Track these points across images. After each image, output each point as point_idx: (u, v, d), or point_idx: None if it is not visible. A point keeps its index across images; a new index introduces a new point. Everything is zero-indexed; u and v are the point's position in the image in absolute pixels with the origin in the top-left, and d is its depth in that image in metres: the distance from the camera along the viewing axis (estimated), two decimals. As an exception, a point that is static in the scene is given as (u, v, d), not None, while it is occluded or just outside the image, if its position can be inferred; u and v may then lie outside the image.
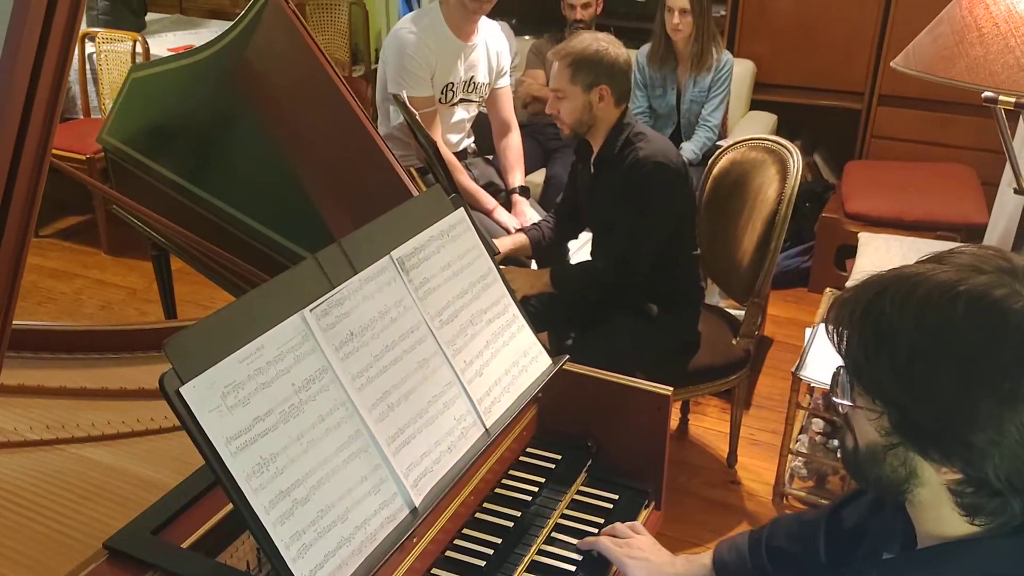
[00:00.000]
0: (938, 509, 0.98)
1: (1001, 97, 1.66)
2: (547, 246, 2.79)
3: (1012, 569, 0.94)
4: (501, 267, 1.63)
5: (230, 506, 1.27)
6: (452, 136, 3.24)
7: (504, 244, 2.77)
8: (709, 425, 3.10)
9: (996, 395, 0.87)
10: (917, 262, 0.98)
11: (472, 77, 3.15)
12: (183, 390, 1.06)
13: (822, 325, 1.08)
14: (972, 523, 0.96)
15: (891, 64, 1.93)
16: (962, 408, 0.89)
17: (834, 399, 1.03)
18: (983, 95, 1.69)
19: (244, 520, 1.07)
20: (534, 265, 2.96)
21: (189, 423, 1.06)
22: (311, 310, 1.23)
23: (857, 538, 1.23)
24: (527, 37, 4.38)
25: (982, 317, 0.88)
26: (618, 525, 1.49)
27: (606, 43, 2.41)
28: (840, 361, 1.01)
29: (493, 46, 3.19)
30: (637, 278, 2.47)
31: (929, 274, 0.93)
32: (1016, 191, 1.89)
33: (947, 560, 0.98)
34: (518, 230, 2.90)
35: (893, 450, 0.96)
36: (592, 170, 2.55)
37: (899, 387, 0.92)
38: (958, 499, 0.95)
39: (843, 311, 0.98)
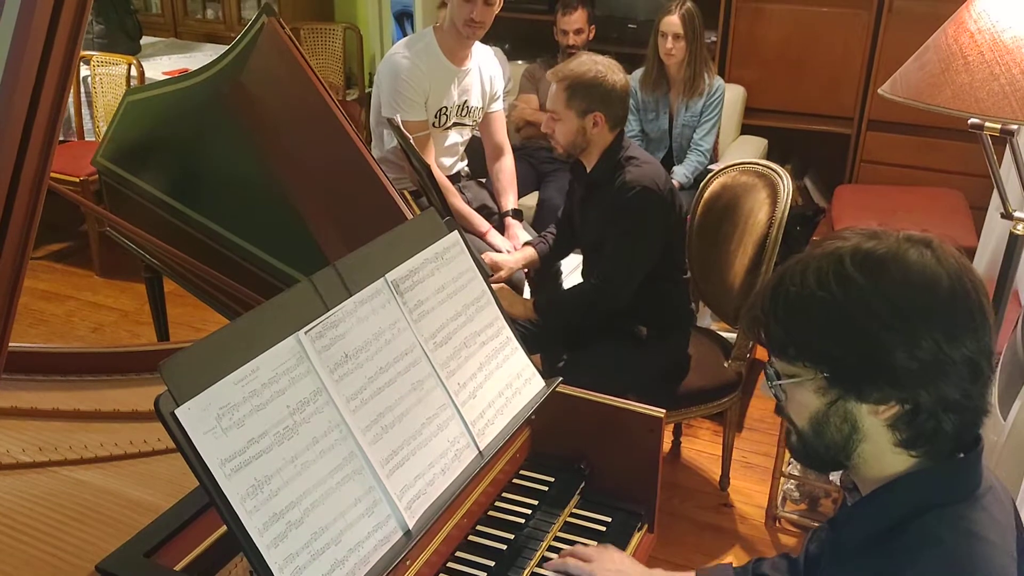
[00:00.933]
0: (881, 457, 1.10)
1: (987, 124, 1.69)
2: (551, 258, 2.82)
3: (941, 495, 1.06)
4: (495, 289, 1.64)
5: (223, 529, 1.27)
6: (445, 159, 3.26)
7: (516, 259, 2.79)
8: (701, 448, 3.10)
9: (899, 316, 1.02)
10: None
11: (466, 101, 3.17)
12: (178, 412, 1.06)
13: None
14: (911, 454, 1.08)
15: (879, 91, 1.96)
16: (877, 337, 1.02)
17: (769, 385, 1.14)
18: (969, 122, 1.71)
19: (238, 542, 1.08)
20: (527, 292, 2.97)
21: (184, 445, 1.06)
22: (306, 332, 1.24)
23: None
24: (520, 62, 4.42)
25: (864, 265, 1.05)
26: (579, 547, 1.50)
27: (604, 68, 2.39)
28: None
29: (487, 71, 3.22)
30: (621, 300, 2.48)
31: (810, 254, 1.10)
32: (1003, 215, 1.91)
33: (888, 495, 1.10)
34: (526, 243, 2.92)
35: (833, 407, 1.08)
36: (584, 190, 2.57)
37: (822, 341, 1.06)
38: (898, 435, 1.07)
39: (754, 311, 1.13)
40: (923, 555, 1.02)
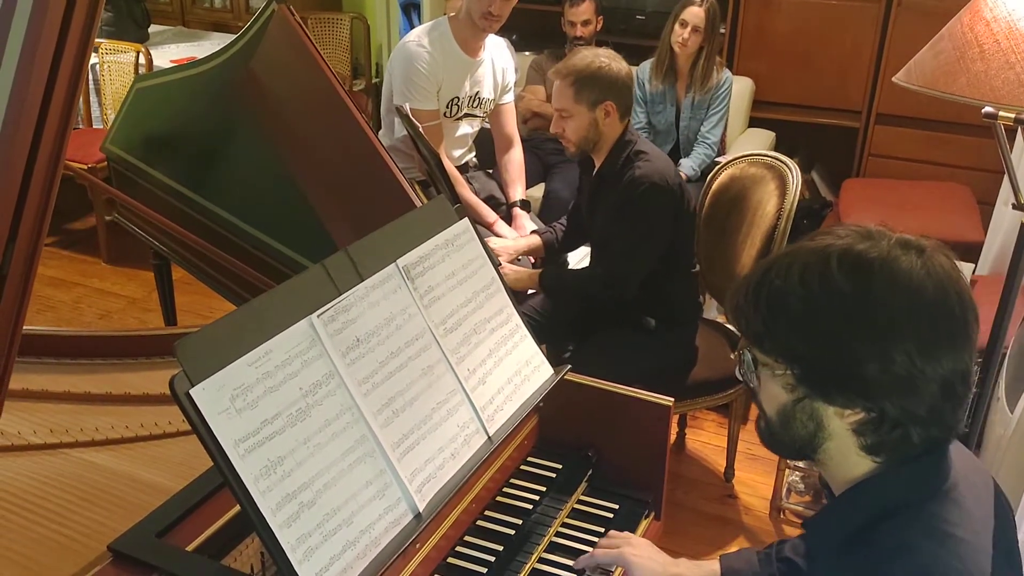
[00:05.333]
0: (846, 458, 1.09)
1: (1001, 113, 1.69)
2: (559, 249, 2.83)
3: (909, 494, 1.06)
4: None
5: (235, 510, 1.28)
6: (455, 150, 3.26)
7: (518, 245, 2.80)
8: (706, 440, 3.11)
9: (875, 328, 1.01)
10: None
11: (477, 93, 3.17)
12: (193, 392, 1.07)
13: None
14: (876, 460, 1.08)
15: (893, 79, 1.95)
16: (851, 345, 1.02)
17: (740, 372, 1.15)
18: (983, 110, 1.71)
19: (251, 522, 1.08)
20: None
21: (198, 425, 1.07)
22: (319, 316, 1.25)
23: None
24: (527, 53, 4.41)
25: (851, 267, 1.03)
26: (612, 532, 1.50)
27: (607, 58, 2.40)
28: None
29: (499, 62, 3.22)
30: (626, 295, 2.48)
31: (801, 248, 1.09)
32: (1015, 207, 1.91)
33: (856, 499, 1.09)
34: (533, 232, 2.93)
35: (800, 404, 1.08)
36: (593, 185, 2.57)
37: (796, 339, 1.05)
38: (863, 440, 1.07)
39: (737, 298, 1.12)
40: (894, 566, 1.01)
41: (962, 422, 1.07)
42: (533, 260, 2.94)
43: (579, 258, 3.03)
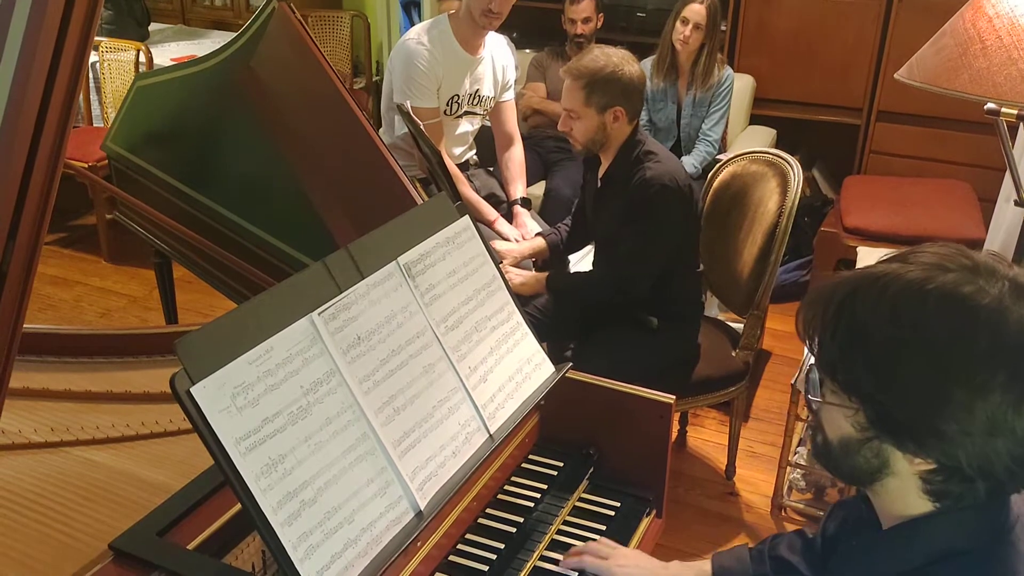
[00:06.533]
0: (904, 496, 1.02)
1: (1003, 109, 1.68)
2: (564, 251, 2.83)
3: (970, 539, 0.99)
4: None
5: (235, 508, 1.28)
6: (456, 148, 3.25)
7: (523, 249, 2.79)
8: (707, 437, 3.11)
9: (968, 386, 0.91)
10: (882, 261, 1.02)
11: (478, 90, 3.17)
12: (194, 390, 1.06)
13: None
14: (935, 505, 1.01)
15: (895, 75, 1.95)
16: (936, 399, 0.92)
17: (808, 397, 1.07)
18: (985, 107, 1.71)
19: (252, 520, 1.08)
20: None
21: (199, 423, 1.06)
22: (319, 313, 1.24)
23: (837, 540, 1.26)
24: (528, 51, 4.41)
25: (952, 313, 0.92)
26: (599, 542, 1.48)
27: (619, 60, 2.37)
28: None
29: (499, 60, 3.21)
30: (634, 296, 2.48)
31: (898, 273, 0.96)
32: (1017, 203, 1.90)
33: (909, 538, 1.02)
34: (537, 234, 2.93)
35: (868, 443, 1.00)
36: (599, 184, 2.56)
37: (874, 382, 0.95)
38: (928, 486, 0.99)
39: (814, 311, 1.01)
40: None
41: None
42: (535, 261, 2.94)
43: (580, 257, 3.02)
